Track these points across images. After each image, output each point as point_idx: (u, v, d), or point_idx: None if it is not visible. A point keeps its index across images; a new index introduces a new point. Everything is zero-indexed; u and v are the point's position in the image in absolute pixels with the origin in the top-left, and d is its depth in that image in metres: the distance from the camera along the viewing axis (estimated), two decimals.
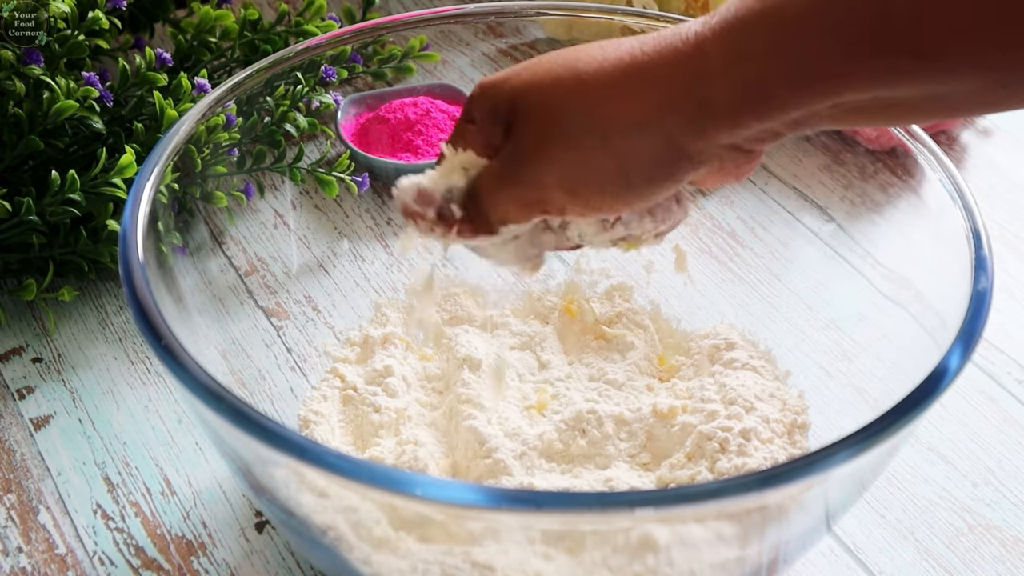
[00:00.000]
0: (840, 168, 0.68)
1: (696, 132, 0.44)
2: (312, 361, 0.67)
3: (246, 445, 0.47)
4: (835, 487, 0.49)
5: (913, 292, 0.60)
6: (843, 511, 0.55)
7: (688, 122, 0.44)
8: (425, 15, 0.69)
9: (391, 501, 0.47)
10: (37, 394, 0.68)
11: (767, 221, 0.72)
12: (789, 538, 0.51)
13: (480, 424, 0.61)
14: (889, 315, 0.62)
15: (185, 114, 0.60)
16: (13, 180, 0.72)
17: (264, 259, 0.73)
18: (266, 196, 0.75)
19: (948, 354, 0.48)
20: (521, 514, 0.44)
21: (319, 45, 0.68)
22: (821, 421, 0.63)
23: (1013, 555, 0.60)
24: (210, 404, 0.45)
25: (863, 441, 0.44)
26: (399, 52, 0.84)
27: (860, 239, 0.68)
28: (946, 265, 0.54)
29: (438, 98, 0.82)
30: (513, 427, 0.61)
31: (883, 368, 0.62)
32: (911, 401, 0.46)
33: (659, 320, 0.70)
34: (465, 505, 0.43)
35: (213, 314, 0.64)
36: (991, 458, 0.65)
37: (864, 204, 0.68)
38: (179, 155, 0.58)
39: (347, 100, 0.82)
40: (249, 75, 0.63)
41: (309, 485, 0.48)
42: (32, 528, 0.61)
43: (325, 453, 0.44)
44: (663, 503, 0.43)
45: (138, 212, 0.53)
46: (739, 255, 0.72)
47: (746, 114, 0.43)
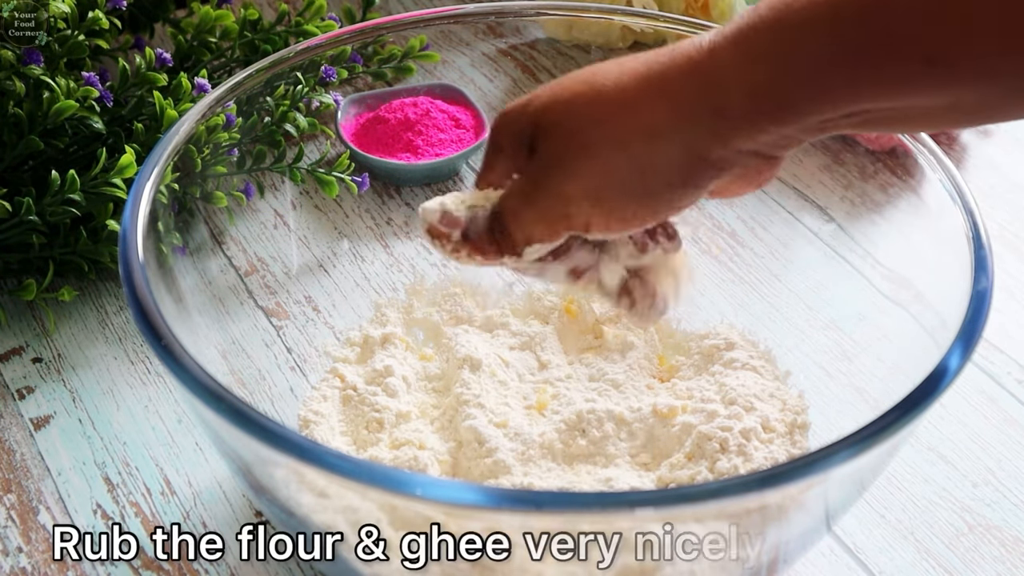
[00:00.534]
0: (840, 168, 0.68)
1: (715, 139, 0.44)
2: (312, 361, 0.67)
3: (246, 445, 0.47)
4: (835, 487, 0.49)
5: (913, 292, 0.60)
6: (843, 511, 0.55)
7: (706, 129, 0.44)
8: (425, 15, 0.69)
9: (391, 501, 0.47)
10: (37, 394, 0.68)
11: (767, 221, 0.72)
12: (789, 538, 0.51)
13: (480, 424, 0.60)
14: (889, 315, 0.62)
15: (185, 114, 0.60)
16: (13, 180, 0.72)
17: (264, 259, 0.73)
18: (266, 196, 0.75)
19: (948, 354, 0.48)
20: (521, 514, 0.44)
21: (319, 45, 0.68)
22: (821, 421, 0.63)
23: (1013, 555, 0.60)
24: (210, 404, 0.45)
25: (863, 441, 0.44)
26: (399, 52, 0.84)
27: (860, 239, 0.68)
28: (946, 265, 0.54)
29: (438, 98, 0.82)
30: (513, 427, 0.61)
31: (883, 368, 0.62)
32: (911, 401, 0.46)
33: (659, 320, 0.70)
34: (465, 505, 0.43)
35: (213, 314, 0.64)
36: (991, 458, 0.65)
37: (864, 204, 0.68)
38: (179, 155, 0.58)
39: (347, 100, 0.82)
40: (249, 75, 0.63)
41: (309, 485, 0.48)
42: (32, 528, 0.61)
43: (325, 453, 0.44)
44: (663, 503, 0.43)
45: (138, 212, 0.53)
46: (739, 255, 0.72)
47: (763, 120, 0.43)
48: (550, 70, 0.84)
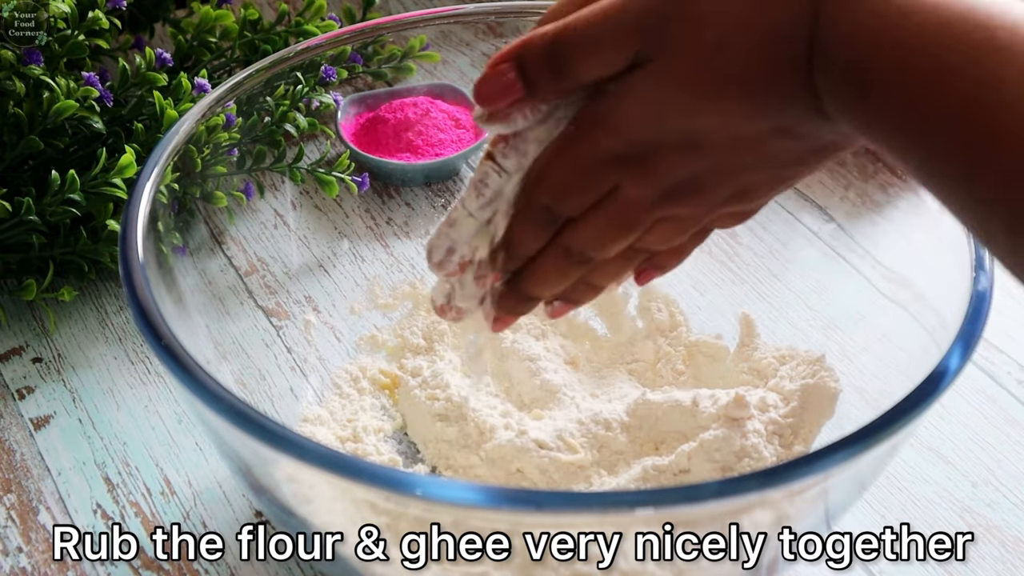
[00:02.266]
0: (840, 168, 0.68)
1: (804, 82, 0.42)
2: (312, 361, 0.67)
3: (246, 445, 0.47)
4: (835, 487, 0.49)
5: (913, 292, 0.60)
6: (843, 511, 0.55)
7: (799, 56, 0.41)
8: (425, 15, 0.69)
9: (390, 501, 0.47)
10: (37, 394, 0.68)
11: (767, 221, 0.72)
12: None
13: (525, 348, 0.65)
14: (889, 315, 0.62)
15: (185, 114, 0.60)
16: (13, 180, 0.72)
17: (264, 259, 0.73)
18: (266, 196, 0.75)
19: (948, 354, 0.48)
20: (520, 514, 0.44)
21: (319, 45, 0.68)
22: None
23: (1013, 555, 0.60)
24: (210, 404, 0.45)
25: (863, 441, 0.44)
26: (399, 52, 0.84)
27: (860, 239, 0.68)
28: (946, 265, 0.54)
29: (438, 98, 0.82)
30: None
31: (883, 368, 0.62)
32: (911, 401, 0.46)
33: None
34: (465, 505, 0.43)
35: (213, 314, 0.64)
36: (991, 458, 0.65)
37: (864, 204, 0.68)
38: (179, 155, 0.58)
39: (347, 100, 0.82)
40: (249, 75, 0.63)
41: (308, 484, 0.48)
42: (32, 528, 0.61)
43: (324, 453, 0.44)
44: (663, 503, 0.43)
45: (138, 212, 0.53)
46: (739, 255, 0.72)
47: (829, 95, 0.41)
48: None
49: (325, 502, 0.48)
